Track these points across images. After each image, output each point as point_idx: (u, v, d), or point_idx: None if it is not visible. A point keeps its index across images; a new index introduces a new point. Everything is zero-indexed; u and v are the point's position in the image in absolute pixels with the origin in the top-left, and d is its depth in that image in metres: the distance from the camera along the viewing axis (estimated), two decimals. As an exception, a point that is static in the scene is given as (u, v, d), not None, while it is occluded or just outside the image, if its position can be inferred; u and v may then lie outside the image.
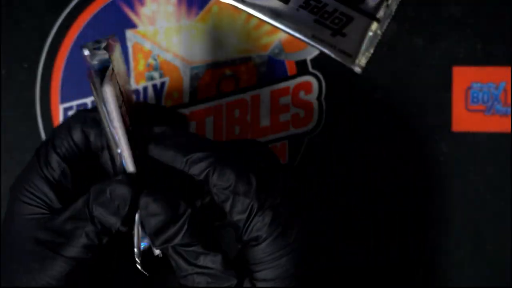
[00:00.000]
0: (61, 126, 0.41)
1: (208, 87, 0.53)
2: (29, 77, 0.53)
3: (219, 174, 0.37)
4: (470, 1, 0.52)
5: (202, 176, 0.37)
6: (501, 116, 0.52)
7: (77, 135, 0.40)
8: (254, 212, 0.37)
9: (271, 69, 0.53)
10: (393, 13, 0.53)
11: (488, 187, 0.52)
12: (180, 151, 0.38)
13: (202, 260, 0.37)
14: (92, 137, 0.40)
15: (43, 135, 0.53)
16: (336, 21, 0.52)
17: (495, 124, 0.52)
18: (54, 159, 0.40)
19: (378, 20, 0.52)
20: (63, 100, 0.53)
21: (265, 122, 0.53)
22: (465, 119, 0.52)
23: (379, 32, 0.52)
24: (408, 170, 0.52)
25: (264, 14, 0.52)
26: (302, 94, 0.53)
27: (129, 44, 0.53)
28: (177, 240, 0.37)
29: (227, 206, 0.37)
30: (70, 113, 0.53)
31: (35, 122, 0.53)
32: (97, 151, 0.40)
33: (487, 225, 0.52)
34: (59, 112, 0.53)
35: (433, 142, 0.52)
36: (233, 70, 0.53)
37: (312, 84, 0.53)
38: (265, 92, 0.53)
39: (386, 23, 0.53)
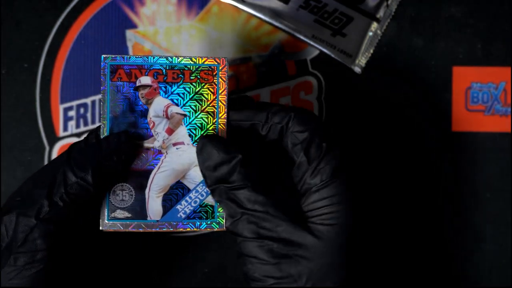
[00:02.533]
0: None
1: (208, 87, 0.53)
2: (29, 77, 0.53)
3: (299, 119, 0.41)
4: (470, 1, 0.53)
5: (283, 123, 0.41)
6: (501, 116, 0.52)
7: None
8: (323, 154, 0.40)
9: (271, 69, 0.53)
10: (393, 13, 0.53)
11: (488, 187, 0.52)
12: (261, 108, 0.42)
13: (252, 204, 0.39)
14: None
15: (43, 135, 0.53)
16: (336, 21, 0.52)
17: (495, 124, 0.52)
18: None
19: (378, 20, 0.52)
20: (63, 100, 0.53)
21: (265, 122, 0.53)
22: (465, 119, 0.52)
23: (379, 32, 0.52)
24: (408, 170, 0.52)
25: (264, 14, 0.52)
26: (302, 94, 0.53)
27: (129, 44, 0.53)
28: (230, 179, 0.39)
29: (299, 149, 0.40)
30: (70, 113, 0.53)
31: (35, 122, 0.53)
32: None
33: (487, 225, 0.52)
34: (59, 112, 0.53)
35: (433, 142, 0.52)
36: (233, 70, 0.53)
37: (312, 84, 0.53)
38: (265, 92, 0.53)
39: (386, 23, 0.53)
